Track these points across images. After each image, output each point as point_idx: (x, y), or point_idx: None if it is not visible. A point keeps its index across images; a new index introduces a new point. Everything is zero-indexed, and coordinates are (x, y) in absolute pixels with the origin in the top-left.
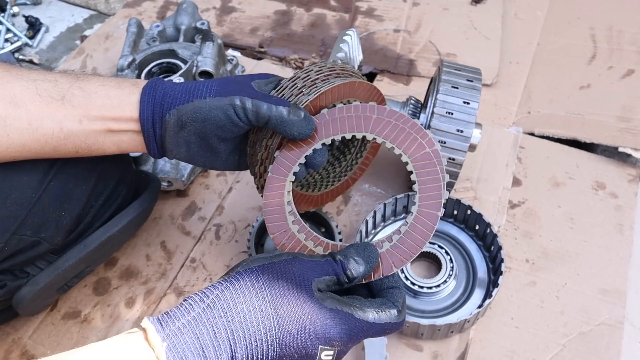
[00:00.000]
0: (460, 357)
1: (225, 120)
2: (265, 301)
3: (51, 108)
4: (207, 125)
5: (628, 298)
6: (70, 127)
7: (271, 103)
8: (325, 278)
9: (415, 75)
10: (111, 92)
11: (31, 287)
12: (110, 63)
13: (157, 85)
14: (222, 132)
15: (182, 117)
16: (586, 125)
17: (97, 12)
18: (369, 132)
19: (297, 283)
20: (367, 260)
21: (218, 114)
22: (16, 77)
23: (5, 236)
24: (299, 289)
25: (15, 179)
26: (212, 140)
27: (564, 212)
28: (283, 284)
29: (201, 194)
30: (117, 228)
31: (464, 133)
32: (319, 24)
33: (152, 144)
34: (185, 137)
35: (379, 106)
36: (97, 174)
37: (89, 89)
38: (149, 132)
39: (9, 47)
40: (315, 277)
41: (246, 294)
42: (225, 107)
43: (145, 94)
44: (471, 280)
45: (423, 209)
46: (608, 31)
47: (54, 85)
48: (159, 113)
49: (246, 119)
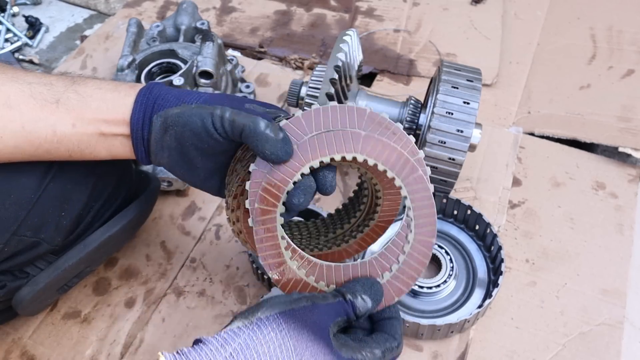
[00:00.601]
0: (460, 357)
1: (201, 127)
2: (289, 353)
3: (45, 111)
4: (185, 130)
5: (628, 298)
6: (63, 131)
7: (253, 116)
8: (338, 320)
9: (415, 75)
10: (107, 95)
11: (31, 287)
12: (110, 63)
13: (154, 88)
14: (198, 142)
15: (167, 119)
16: (586, 125)
17: (97, 12)
18: (359, 153)
19: (317, 333)
20: (373, 298)
21: (196, 120)
22: (11, 79)
23: (5, 237)
24: (320, 340)
25: (15, 180)
26: (188, 149)
27: (564, 212)
28: (305, 334)
29: (201, 194)
30: (117, 228)
31: (464, 133)
32: (319, 24)
33: (139, 147)
34: (168, 142)
35: (359, 109)
36: (96, 175)
37: (85, 92)
38: (138, 134)
39: (9, 47)
40: (331, 321)
41: (270, 345)
42: (204, 114)
43: (140, 94)
44: (471, 280)
45: (419, 236)
46: (608, 31)
47: (49, 89)
48: (149, 115)
49: (222, 128)
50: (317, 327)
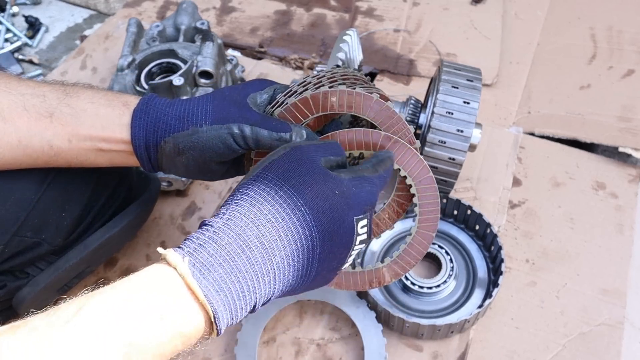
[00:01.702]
0: (460, 357)
1: (224, 148)
2: (288, 192)
3: (40, 125)
4: (206, 153)
5: (628, 298)
6: (60, 146)
7: (271, 129)
8: (331, 158)
9: (415, 75)
10: (100, 110)
11: (32, 287)
12: (110, 63)
13: (149, 109)
14: (221, 158)
15: (179, 144)
16: (586, 125)
17: (97, 12)
18: None
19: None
20: None
21: (217, 143)
22: (4, 90)
23: (6, 237)
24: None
25: (16, 181)
26: (210, 164)
27: (564, 212)
28: (296, 171)
29: (201, 194)
30: (117, 228)
31: (464, 133)
32: (319, 24)
33: (146, 165)
34: (183, 162)
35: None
36: (97, 175)
37: (78, 106)
38: (142, 155)
39: (9, 47)
40: (321, 156)
41: (265, 195)
42: (223, 136)
43: (136, 117)
44: (471, 280)
45: (421, 230)
46: (608, 31)
47: (42, 101)
48: (152, 139)
49: (246, 145)
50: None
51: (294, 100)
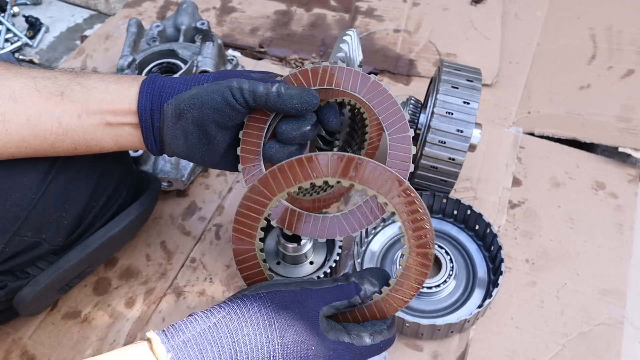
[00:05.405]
0: (460, 357)
1: (223, 102)
2: (272, 328)
3: (50, 104)
4: (205, 109)
5: (628, 298)
6: (69, 122)
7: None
8: (335, 304)
9: (415, 75)
10: (110, 86)
11: (32, 287)
12: (110, 63)
13: (156, 79)
14: (220, 117)
15: (180, 105)
16: (586, 125)
17: (97, 12)
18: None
19: (304, 314)
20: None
21: (215, 97)
22: (16, 74)
23: (6, 237)
24: (306, 321)
25: (16, 180)
26: (210, 127)
27: (564, 212)
28: (290, 313)
29: (201, 194)
30: (118, 228)
31: (464, 133)
32: (319, 24)
33: (149, 137)
34: (184, 127)
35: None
36: (97, 175)
37: (88, 84)
38: (147, 123)
39: (9, 47)
40: (323, 305)
41: (253, 318)
42: (222, 89)
43: (144, 85)
44: (471, 280)
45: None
46: (608, 31)
47: (53, 82)
48: (157, 103)
49: (243, 100)
50: (304, 309)
51: (295, 71)
